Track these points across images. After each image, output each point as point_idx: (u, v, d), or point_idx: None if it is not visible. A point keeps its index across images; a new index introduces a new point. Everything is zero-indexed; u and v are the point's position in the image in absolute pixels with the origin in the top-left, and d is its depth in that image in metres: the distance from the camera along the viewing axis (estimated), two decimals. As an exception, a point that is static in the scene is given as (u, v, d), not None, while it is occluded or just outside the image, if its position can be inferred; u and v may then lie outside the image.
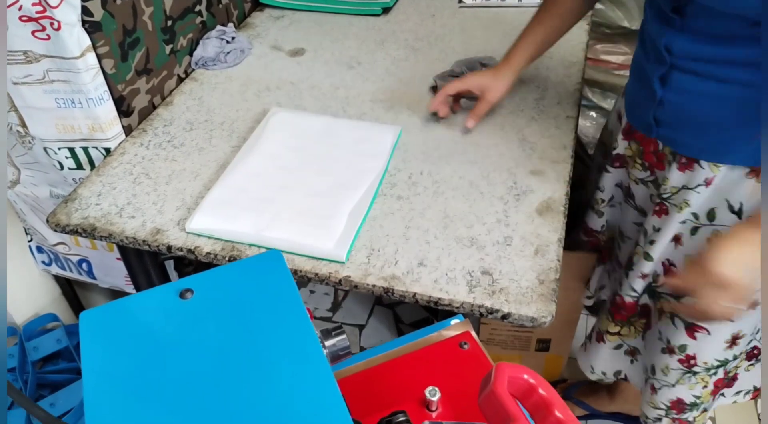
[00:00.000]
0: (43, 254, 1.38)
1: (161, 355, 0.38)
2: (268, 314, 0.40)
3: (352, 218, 0.88)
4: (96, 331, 0.40)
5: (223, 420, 0.35)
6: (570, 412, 0.47)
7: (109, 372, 0.37)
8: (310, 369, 0.37)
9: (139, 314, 0.41)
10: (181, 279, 0.43)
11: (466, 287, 0.79)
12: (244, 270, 0.43)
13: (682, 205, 0.87)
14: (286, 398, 0.36)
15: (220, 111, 1.13)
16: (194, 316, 0.40)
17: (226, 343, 0.39)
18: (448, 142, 1.03)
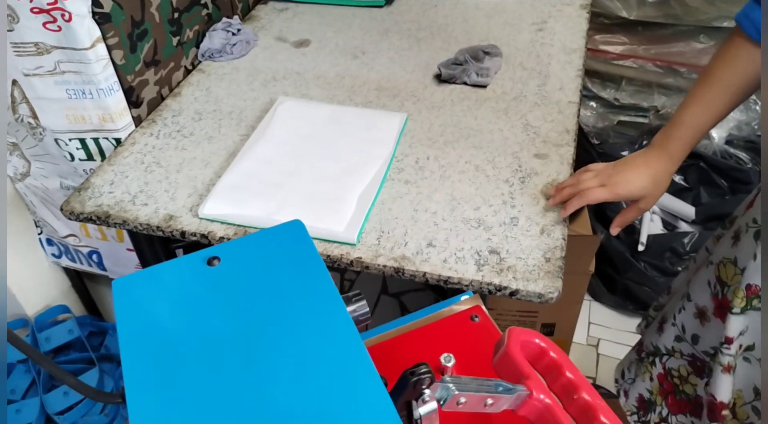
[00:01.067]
0: (53, 247, 1.39)
1: (193, 318, 0.40)
2: (294, 278, 0.42)
3: (362, 201, 0.89)
4: (129, 297, 0.41)
5: (256, 381, 0.37)
6: (580, 373, 0.49)
7: (144, 336, 0.39)
8: (338, 330, 0.39)
9: (170, 280, 0.42)
10: (207, 248, 0.45)
11: (474, 265, 0.81)
12: (268, 238, 0.45)
13: None
14: (315, 358, 0.38)
15: (227, 101, 1.15)
16: (223, 281, 0.42)
17: (255, 306, 0.40)
18: (453, 128, 1.05)
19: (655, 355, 0.99)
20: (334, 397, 0.36)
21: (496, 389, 0.41)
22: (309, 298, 0.41)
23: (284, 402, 0.36)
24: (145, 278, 0.43)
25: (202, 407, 0.36)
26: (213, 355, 0.38)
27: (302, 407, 0.35)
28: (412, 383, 0.37)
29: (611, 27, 1.96)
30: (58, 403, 1.21)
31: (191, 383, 0.37)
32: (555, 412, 0.42)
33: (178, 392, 0.36)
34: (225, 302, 0.41)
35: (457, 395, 0.39)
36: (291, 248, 0.44)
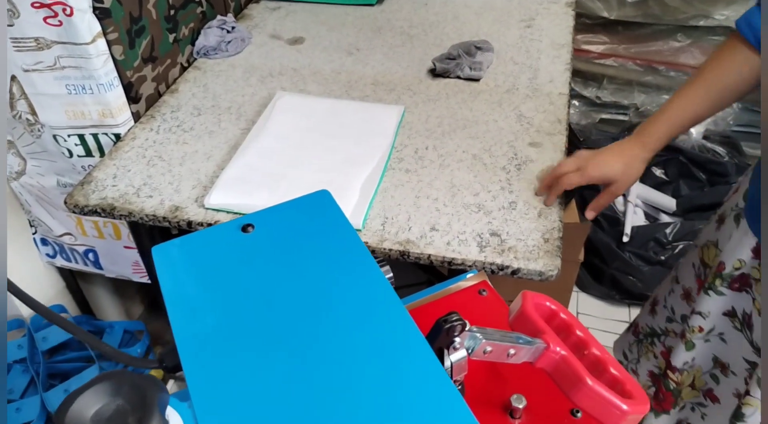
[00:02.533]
0: (48, 247, 1.39)
1: (234, 279, 0.42)
2: (327, 242, 0.44)
3: (365, 189, 0.92)
4: (170, 263, 0.43)
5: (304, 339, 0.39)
6: (588, 332, 0.52)
7: (190, 299, 0.41)
8: (375, 289, 0.41)
9: (207, 246, 0.44)
10: (240, 217, 0.47)
11: (476, 247, 0.83)
12: (298, 207, 0.47)
13: None
14: (357, 316, 0.40)
15: (225, 96, 1.16)
16: (259, 246, 0.44)
17: (294, 268, 0.43)
18: (449, 119, 1.08)
19: (652, 335, 1.03)
20: (379, 352, 0.38)
21: (517, 341, 0.44)
22: (343, 258, 0.43)
23: (334, 354, 0.38)
24: (183, 244, 0.45)
25: (254, 363, 0.38)
26: (259, 313, 0.40)
27: (353, 359, 0.37)
28: (445, 329, 0.40)
29: (593, 27, 2.02)
30: (58, 400, 1.21)
31: (241, 340, 0.39)
32: (571, 363, 0.45)
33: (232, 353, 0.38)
34: (264, 265, 0.43)
35: (484, 344, 0.42)
36: (321, 215, 0.46)
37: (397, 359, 0.38)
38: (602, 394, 0.44)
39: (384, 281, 0.43)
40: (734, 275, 0.89)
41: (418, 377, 0.37)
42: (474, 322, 0.64)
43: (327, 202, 0.47)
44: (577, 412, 0.53)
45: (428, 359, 0.38)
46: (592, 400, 0.44)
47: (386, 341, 0.39)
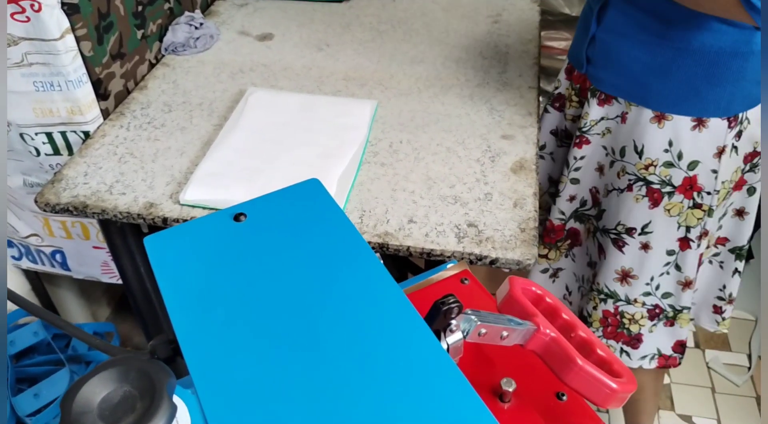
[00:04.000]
0: (14, 249, 1.36)
1: (230, 269, 0.42)
2: (320, 230, 0.45)
3: (341, 183, 0.92)
4: (164, 253, 0.43)
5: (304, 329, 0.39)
6: (574, 315, 0.54)
7: (186, 289, 0.41)
8: (372, 274, 0.42)
9: (201, 236, 0.44)
10: (232, 206, 0.47)
11: (455, 238, 0.85)
12: (289, 195, 0.47)
13: (604, 132, 1.00)
14: (356, 301, 0.41)
15: (196, 93, 1.15)
16: (253, 235, 0.44)
17: (289, 256, 0.43)
18: (422, 113, 1.09)
19: (610, 297, 1.08)
20: (381, 338, 0.39)
21: (509, 323, 0.45)
22: (338, 245, 0.44)
23: (335, 341, 0.38)
24: (175, 235, 0.45)
25: (255, 353, 0.38)
26: (257, 302, 0.41)
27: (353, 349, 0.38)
28: (442, 312, 0.41)
29: (555, 23, 2.06)
30: (28, 405, 1.18)
31: (241, 330, 0.39)
32: (561, 344, 0.47)
33: (234, 341, 0.39)
34: (259, 253, 0.43)
35: (479, 326, 0.43)
36: (313, 203, 0.47)
37: (399, 343, 0.39)
38: (593, 373, 0.45)
39: (380, 266, 0.43)
40: (554, 94, 1.11)
41: (422, 360, 0.38)
42: (458, 308, 0.65)
43: (318, 190, 0.48)
44: (563, 395, 0.54)
45: (430, 342, 0.39)
46: (582, 380, 0.45)
47: (387, 326, 0.40)
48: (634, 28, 0.90)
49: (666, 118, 0.92)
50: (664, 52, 0.88)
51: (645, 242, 1.01)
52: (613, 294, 1.08)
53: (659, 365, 1.12)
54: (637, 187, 0.98)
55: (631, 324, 1.10)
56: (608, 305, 1.09)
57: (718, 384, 1.62)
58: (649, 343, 1.11)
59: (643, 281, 1.04)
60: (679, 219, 0.98)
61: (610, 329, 1.12)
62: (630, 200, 0.99)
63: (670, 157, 0.94)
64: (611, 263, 1.05)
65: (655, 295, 1.06)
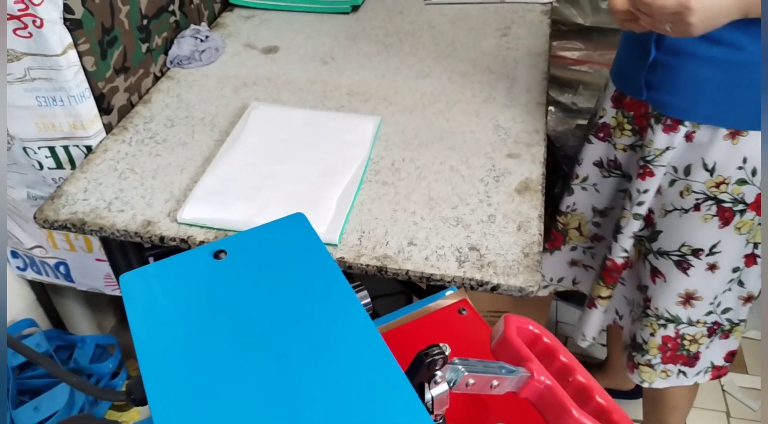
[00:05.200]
0: (18, 259, 1.36)
1: (206, 311, 0.41)
2: (301, 269, 0.43)
3: (341, 203, 0.91)
4: (138, 292, 0.42)
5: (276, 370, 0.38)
6: (573, 357, 0.52)
7: (158, 330, 0.40)
8: (350, 317, 0.40)
9: (178, 274, 0.43)
10: (212, 242, 0.45)
11: (455, 262, 0.83)
12: (272, 231, 0.46)
13: (666, 165, 0.94)
14: (330, 345, 0.39)
15: (199, 107, 1.15)
16: (231, 274, 0.43)
17: (266, 297, 0.41)
18: (426, 130, 1.07)
19: (671, 321, 1.03)
20: (354, 383, 0.37)
21: (500, 371, 0.43)
22: (319, 287, 0.42)
23: (303, 391, 0.37)
24: (152, 272, 0.43)
25: (221, 397, 0.37)
26: (229, 347, 0.39)
27: (322, 396, 0.37)
28: (426, 364, 0.39)
29: (567, 33, 2.03)
30: (28, 418, 1.18)
31: (209, 375, 0.38)
32: (556, 392, 0.45)
33: (198, 383, 0.37)
34: (236, 293, 0.42)
35: (466, 377, 0.41)
36: (296, 239, 0.45)
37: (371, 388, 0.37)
38: (588, 425, 0.43)
39: (360, 308, 0.42)
40: (598, 124, 1.06)
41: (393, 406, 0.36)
42: (454, 343, 0.63)
43: (302, 226, 0.46)
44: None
45: (405, 391, 0.37)
46: (576, 430, 0.43)
47: (360, 372, 0.38)
48: (703, 45, 0.83)
49: (741, 134, 0.86)
50: (739, 66, 0.82)
51: (712, 263, 0.96)
52: (675, 318, 1.02)
53: (712, 377, 1.09)
54: (705, 206, 0.92)
55: (691, 345, 1.05)
56: (669, 330, 1.04)
57: (733, 409, 1.58)
58: (705, 358, 1.07)
59: (707, 302, 1.00)
60: (749, 236, 0.94)
61: (669, 354, 1.07)
62: (697, 221, 0.94)
63: (743, 174, 0.88)
64: (673, 287, 1.00)
65: (716, 313, 1.01)
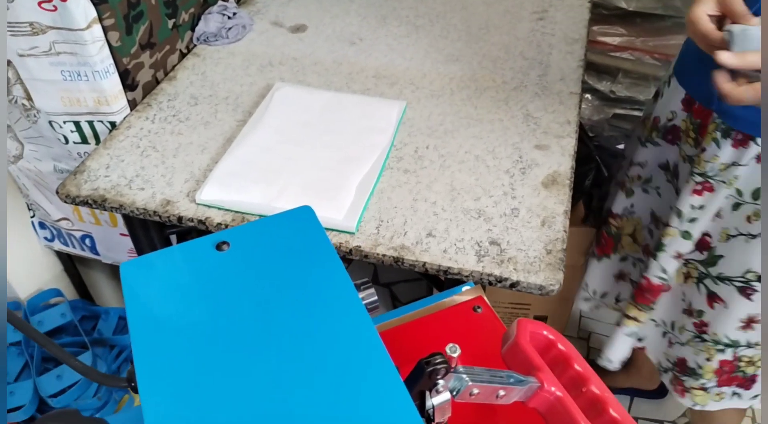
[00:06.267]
0: (46, 230, 1.38)
1: (204, 304, 0.40)
2: (305, 265, 0.41)
3: (361, 190, 0.89)
4: (138, 281, 0.41)
5: (269, 368, 0.37)
6: (588, 366, 0.49)
7: (154, 321, 0.39)
8: (350, 317, 0.39)
9: (178, 265, 0.42)
10: (216, 233, 0.44)
11: (474, 256, 0.80)
12: (278, 224, 0.44)
13: (731, 181, 0.86)
14: (328, 345, 0.37)
15: (224, 86, 1.13)
16: (233, 267, 0.41)
17: (266, 292, 0.40)
18: (452, 117, 1.04)
19: (731, 346, 0.98)
20: (348, 386, 0.36)
21: (507, 381, 0.41)
22: (321, 285, 0.40)
23: (296, 390, 0.35)
24: (153, 262, 0.42)
25: (213, 392, 0.35)
26: (224, 341, 0.38)
27: (316, 396, 0.35)
28: (427, 373, 0.37)
29: (609, 18, 1.95)
30: (51, 386, 1.21)
31: (202, 369, 0.37)
32: (566, 404, 0.42)
33: (190, 377, 0.36)
34: (235, 287, 0.40)
35: (470, 386, 0.39)
36: (301, 234, 0.44)
37: (364, 388, 0.36)
38: (596, 441, 0.41)
39: (360, 308, 0.40)
40: (667, 126, 0.98)
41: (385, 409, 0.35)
42: (466, 342, 0.61)
43: (309, 219, 0.45)
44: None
45: (398, 392, 0.35)
46: (585, 447, 0.41)
47: (354, 372, 0.37)
48: None
49: None
50: None
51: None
52: (735, 343, 0.97)
53: None
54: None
55: (748, 367, 1.00)
56: (727, 355, 0.99)
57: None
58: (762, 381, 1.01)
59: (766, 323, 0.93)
60: None
61: (725, 377, 1.02)
62: None
63: None
64: (735, 312, 0.94)
65: None
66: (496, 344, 0.57)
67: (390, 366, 0.36)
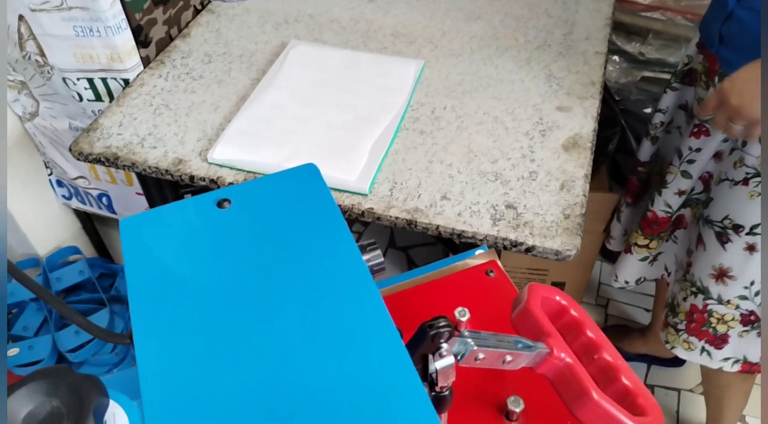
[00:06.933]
0: (63, 188, 1.38)
1: (203, 262, 0.38)
2: (307, 224, 0.40)
3: (375, 151, 0.87)
4: (137, 238, 0.40)
5: (266, 328, 0.35)
6: (602, 333, 0.47)
7: (153, 278, 0.38)
8: (353, 278, 0.37)
9: (178, 222, 0.41)
10: (217, 190, 0.43)
11: (489, 220, 0.78)
12: (281, 181, 0.43)
13: None
14: (328, 307, 0.36)
15: (238, 43, 1.11)
16: (233, 225, 0.40)
17: (267, 251, 0.39)
18: (471, 77, 1.01)
19: (701, 292, 1.00)
20: (348, 347, 0.34)
21: (515, 346, 0.40)
22: (323, 244, 0.39)
23: (295, 350, 0.34)
24: (153, 218, 0.41)
25: (211, 352, 0.35)
26: (223, 299, 0.37)
27: (313, 356, 0.34)
28: (430, 336, 0.35)
29: (640, -24, 1.87)
30: (69, 341, 1.23)
31: (200, 327, 0.36)
32: (576, 371, 0.41)
33: (187, 336, 0.35)
34: (235, 246, 0.39)
35: (475, 351, 0.37)
36: (304, 192, 0.42)
37: (363, 348, 0.35)
38: (609, 410, 0.39)
39: (362, 268, 0.38)
40: (684, 70, 1.02)
41: (384, 370, 0.34)
42: (477, 307, 0.59)
43: (313, 177, 0.43)
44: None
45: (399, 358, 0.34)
46: (596, 416, 0.39)
47: (353, 331, 0.35)
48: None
49: None
50: None
51: (751, 244, 0.90)
52: (705, 291, 0.99)
53: (742, 370, 1.04)
54: (754, 182, 0.87)
55: (719, 324, 1.01)
56: (697, 300, 1.00)
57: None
58: (737, 347, 1.02)
59: (741, 284, 0.95)
60: None
61: (694, 326, 1.04)
62: (743, 195, 0.88)
63: None
64: (710, 258, 0.96)
65: (752, 300, 0.95)
66: (508, 309, 0.56)
67: (390, 327, 0.35)
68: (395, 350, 0.34)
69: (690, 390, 1.45)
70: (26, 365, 1.19)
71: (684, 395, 1.44)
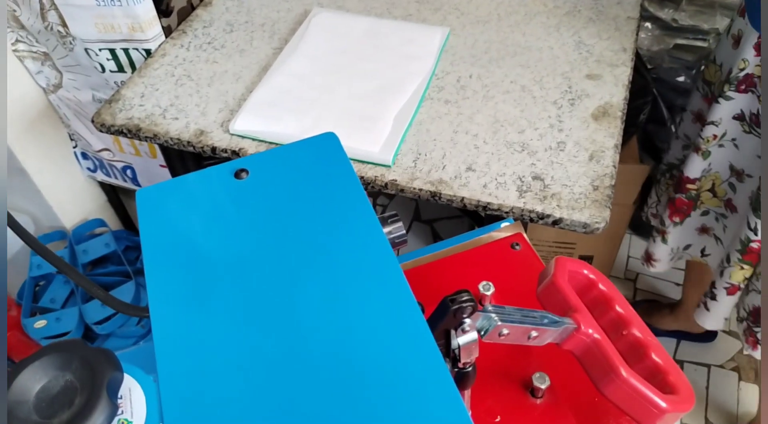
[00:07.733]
0: (88, 161, 1.39)
1: (220, 233, 0.38)
2: (326, 195, 0.39)
3: (398, 121, 0.85)
4: (153, 208, 0.39)
5: (285, 301, 0.35)
6: (631, 308, 0.46)
7: (169, 249, 0.37)
8: (373, 250, 0.36)
9: (196, 192, 0.40)
10: (235, 160, 0.41)
11: (516, 192, 0.76)
12: (300, 151, 0.41)
13: None
14: (348, 279, 0.35)
15: (260, 12, 1.09)
16: (251, 195, 0.39)
17: (285, 222, 0.38)
18: (498, 45, 0.98)
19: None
20: (366, 320, 0.33)
21: (541, 321, 0.38)
22: (342, 215, 0.38)
23: (312, 324, 0.33)
24: (169, 189, 0.40)
25: (227, 324, 0.34)
26: (239, 271, 0.36)
27: (331, 330, 0.33)
28: (452, 311, 0.34)
29: (676, -62, 1.79)
30: (96, 313, 1.25)
31: (216, 300, 0.35)
32: (604, 347, 0.39)
33: (203, 308, 0.34)
34: (253, 217, 0.38)
35: (499, 326, 0.36)
36: (324, 162, 0.41)
37: (386, 328, 0.33)
38: (638, 388, 0.38)
39: (382, 239, 0.37)
40: (740, 77, 0.91)
41: (404, 345, 0.33)
42: (502, 281, 0.58)
43: (333, 146, 0.42)
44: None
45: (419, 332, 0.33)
46: (624, 394, 0.38)
47: (374, 305, 0.34)
48: None
49: None
50: None
51: None
52: None
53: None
54: None
55: None
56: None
57: None
58: None
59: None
60: None
61: None
62: None
63: None
64: None
65: None
66: (533, 283, 0.54)
67: (411, 301, 0.33)
68: (416, 325, 0.33)
69: (720, 366, 1.42)
70: (53, 336, 1.21)
71: (714, 371, 1.41)
